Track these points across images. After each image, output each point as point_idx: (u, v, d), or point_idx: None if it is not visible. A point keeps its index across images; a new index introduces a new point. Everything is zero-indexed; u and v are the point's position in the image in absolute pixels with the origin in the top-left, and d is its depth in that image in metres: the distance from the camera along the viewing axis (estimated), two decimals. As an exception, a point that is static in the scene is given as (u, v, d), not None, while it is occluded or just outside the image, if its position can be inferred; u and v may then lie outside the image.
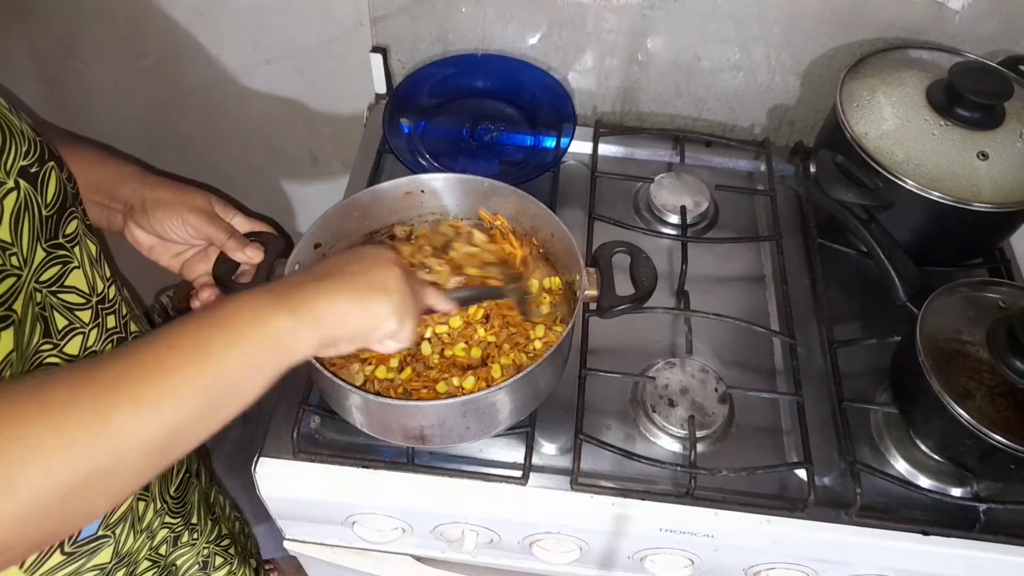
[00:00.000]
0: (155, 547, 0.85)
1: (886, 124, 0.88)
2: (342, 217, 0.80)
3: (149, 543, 0.84)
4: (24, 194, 0.60)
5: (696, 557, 0.80)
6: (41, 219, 0.62)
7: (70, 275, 0.66)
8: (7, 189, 0.58)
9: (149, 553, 0.84)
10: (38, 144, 0.63)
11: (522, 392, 0.71)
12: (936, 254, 0.92)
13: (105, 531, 0.75)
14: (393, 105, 1.05)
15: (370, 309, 0.58)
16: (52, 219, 0.63)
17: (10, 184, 0.58)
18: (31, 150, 0.61)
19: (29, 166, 0.61)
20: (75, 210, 0.67)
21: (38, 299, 0.63)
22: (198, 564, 0.95)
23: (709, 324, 0.88)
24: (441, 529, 0.82)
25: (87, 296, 0.68)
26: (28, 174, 0.60)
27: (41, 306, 0.63)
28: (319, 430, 0.81)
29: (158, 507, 0.84)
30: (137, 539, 0.81)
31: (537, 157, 1.03)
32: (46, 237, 0.63)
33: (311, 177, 1.37)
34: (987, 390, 0.72)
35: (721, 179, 1.05)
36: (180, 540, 0.90)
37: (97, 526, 0.74)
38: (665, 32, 1.02)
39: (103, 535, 0.75)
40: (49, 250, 0.63)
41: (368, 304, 0.58)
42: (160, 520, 0.84)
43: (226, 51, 1.17)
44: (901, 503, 0.78)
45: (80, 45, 1.20)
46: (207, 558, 0.96)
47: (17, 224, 0.59)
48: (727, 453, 0.80)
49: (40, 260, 0.62)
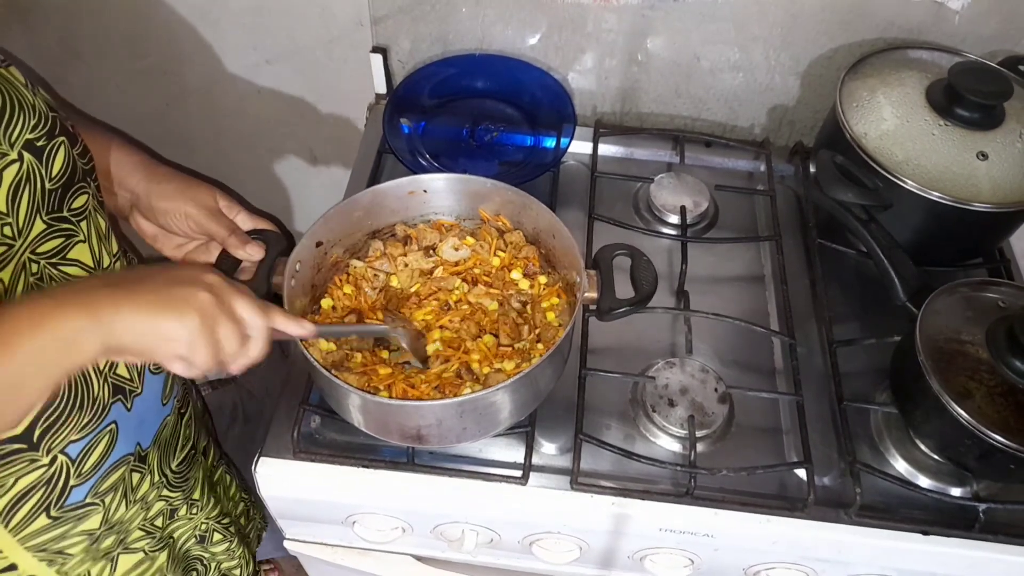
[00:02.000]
0: (150, 518, 0.86)
1: (886, 124, 0.88)
2: (343, 216, 0.80)
3: (144, 514, 0.85)
4: (27, 166, 0.61)
5: (696, 557, 0.80)
6: (43, 191, 0.63)
7: (74, 248, 0.67)
8: (9, 160, 0.60)
9: (143, 523, 0.85)
10: (50, 119, 0.64)
11: (521, 392, 0.71)
12: (936, 254, 0.92)
13: (93, 499, 0.76)
14: (393, 105, 1.05)
15: (159, 327, 0.55)
16: (56, 192, 0.65)
17: (12, 156, 0.60)
18: (41, 124, 0.63)
19: (36, 139, 0.62)
20: (86, 185, 0.68)
21: (34, 270, 0.63)
22: (195, 537, 0.95)
23: (709, 324, 0.88)
24: (441, 529, 0.82)
25: (91, 270, 0.69)
26: (34, 147, 0.62)
27: (38, 276, 0.64)
28: (319, 430, 0.81)
29: (155, 480, 0.84)
30: (130, 509, 0.82)
31: (537, 157, 1.03)
32: (47, 210, 0.64)
33: (311, 177, 1.37)
34: (987, 390, 0.72)
35: (721, 179, 1.05)
36: (177, 513, 0.91)
37: (84, 493, 0.75)
38: (665, 32, 1.02)
39: (91, 503, 0.76)
40: (50, 223, 0.64)
41: (158, 321, 0.55)
42: (157, 493, 0.85)
43: (226, 51, 1.17)
44: (901, 503, 0.78)
45: (80, 45, 1.20)
46: (205, 532, 0.97)
47: (15, 195, 0.60)
48: (727, 453, 0.80)
49: (39, 232, 0.63)
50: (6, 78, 0.62)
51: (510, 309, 0.80)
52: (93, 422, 0.72)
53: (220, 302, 0.58)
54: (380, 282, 0.82)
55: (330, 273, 0.81)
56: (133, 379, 0.76)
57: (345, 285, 0.81)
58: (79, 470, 0.73)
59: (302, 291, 0.77)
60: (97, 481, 0.76)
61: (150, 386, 0.80)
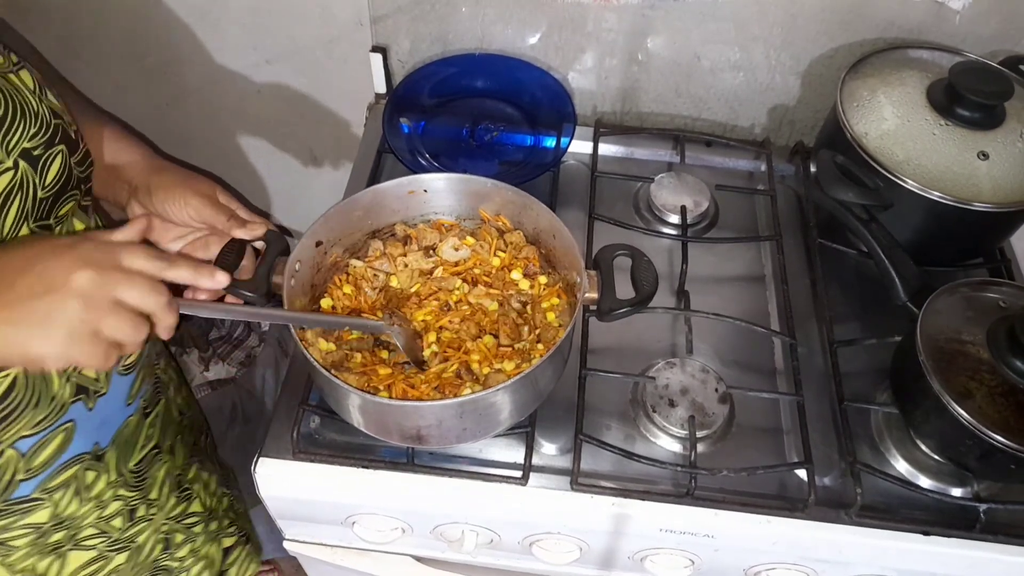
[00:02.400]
0: (106, 517, 0.85)
1: (886, 124, 0.88)
2: (343, 216, 0.80)
3: (98, 512, 0.84)
4: (21, 175, 0.61)
5: (696, 557, 0.80)
6: (35, 200, 0.63)
7: None
8: (3, 168, 0.60)
9: (97, 522, 0.84)
10: (51, 127, 0.64)
11: (521, 393, 0.71)
12: (936, 254, 0.91)
13: (41, 494, 0.76)
14: (393, 105, 1.05)
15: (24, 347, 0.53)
16: (47, 201, 0.64)
17: (8, 164, 0.60)
18: (41, 132, 0.63)
19: (33, 148, 0.62)
20: (76, 192, 0.68)
21: None
22: (161, 542, 0.94)
23: (709, 324, 0.88)
24: (441, 529, 0.82)
25: None
26: (31, 156, 0.62)
27: None
28: (319, 430, 0.81)
29: (112, 479, 0.84)
30: (83, 506, 0.81)
31: (537, 157, 1.03)
32: (36, 218, 0.64)
33: (311, 177, 1.37)
34: (987, 390, 0.72)
35: (721, 179, 1.05)
36: (136, 514, 0.89)
37: (32, 488, 0.74)
38: (665, 32, 1.02)
39: (37, 497, 0.76)
40: (36, 230, 0.64)
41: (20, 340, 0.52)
42: (113, 492, 0.84)
43: (226, 51, 1.17)
44: (901, 503, 0.78)
45: (80, 45, 1.20)
46: (168, 534, 0.96)
47: (5, 202, 0.60)
48: (727, 453, 0.80)
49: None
50: (14, 83, 0.62)
51: (510, 309, 0.80)
52: (48, 419, 0.71)
53: (93, 300, 0.54)
54: (380, 282, 0.82)
55: (330, 273, 0.81)
56: (99, 379, 0.75)
57: (345, 285, 0.81)
58: (28, 465, 0.72)
59: (302, 291, 0.77)
60: (47, 477, 0.75)
61: (117, 386, 0.79)
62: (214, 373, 1.47)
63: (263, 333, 1.56)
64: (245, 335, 1.54)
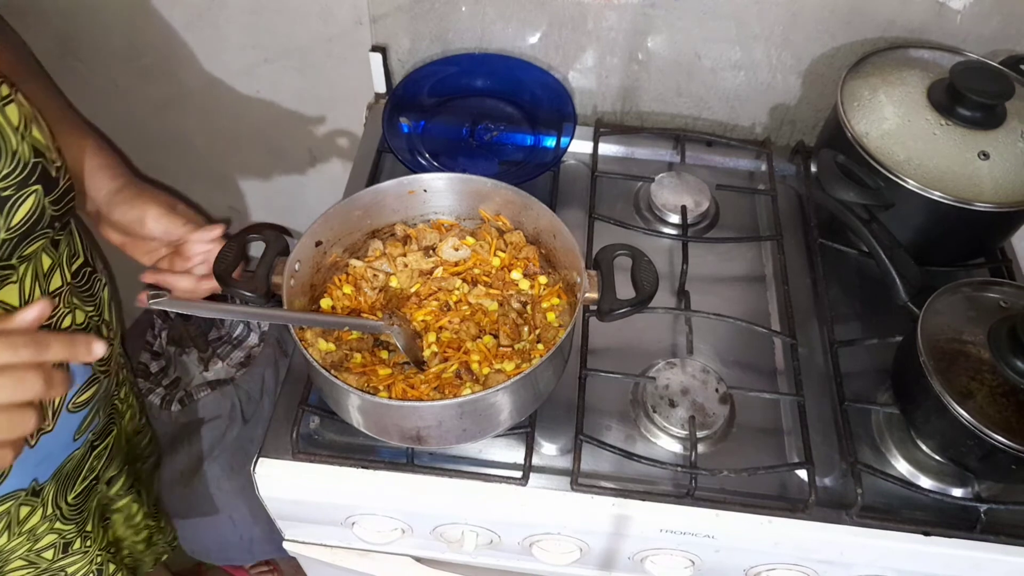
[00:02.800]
0: (37, 549, 0.84)
1: (887, 123, 0.88)
2: (343, 216, 0.80)
3: (29, 544, 0.82)
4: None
5: (697, 558, 0.79)
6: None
7: (2, 290, 0.66)
8: None
9: (27, 553, 0.83)
10: (28, 167, 0.62)
11: (521, 393, 0.71)
12: (937, 254, 0.91)
13: None
14: (393, 104, 1.05)
15: None
16: (12, 242, 0.63)
17: None
18: (15, 172, 0.61)
19: (2, 189, 0.61)
20: (48, 231, 0.67)
21: None
22: (93, 573, 0.92)
23: (710, 324, 0.88)
24: (441, 530, 0.82)
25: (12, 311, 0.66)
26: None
27: None
28: (319, 430, 0.81)
29: (48, 512, 0.82)
30: (13, 540, 0.80)
31: (537, 157, 1.03)
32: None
33: (311, 177, 1.36)
34: (988, 390, 0.72)
35: (722, 179, 1.05)
36: (71, 547, 0.88)
37: None
38: (665, 31, 1.02)
39: None
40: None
41: None
42: (49, 526, 0.83)
43: (225, 51, 1.17)
44: (902, 504, 0.78)
45: (79, 45, 1.20)
46: (101, 566, 0.94)
47: None
48: (728, 453, 0.80)
49: None
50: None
51: (510, 309, 0.79)
52: None
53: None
54: (380, 282, 0.82)
55: (329, 273, 0.81)
56: (45, 416, 0.72)
57: (344, 285, 0.81)
58: None
59: (301, 291, 0.77)
60: None
61: (65, 423, 0.78)
62: (213, 373, 1.47)
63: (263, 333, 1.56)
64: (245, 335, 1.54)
